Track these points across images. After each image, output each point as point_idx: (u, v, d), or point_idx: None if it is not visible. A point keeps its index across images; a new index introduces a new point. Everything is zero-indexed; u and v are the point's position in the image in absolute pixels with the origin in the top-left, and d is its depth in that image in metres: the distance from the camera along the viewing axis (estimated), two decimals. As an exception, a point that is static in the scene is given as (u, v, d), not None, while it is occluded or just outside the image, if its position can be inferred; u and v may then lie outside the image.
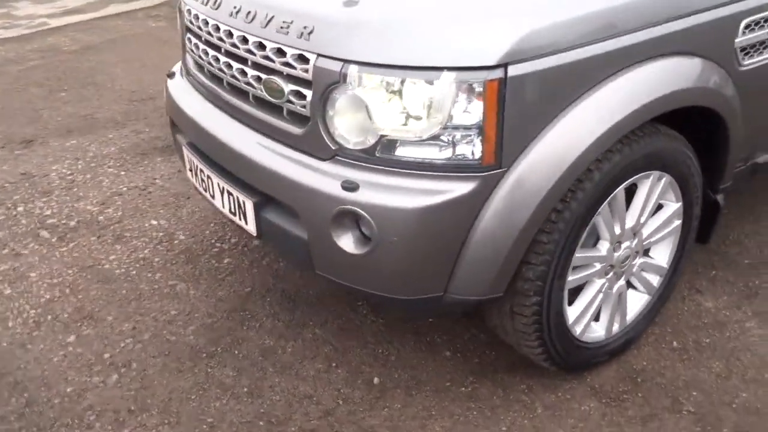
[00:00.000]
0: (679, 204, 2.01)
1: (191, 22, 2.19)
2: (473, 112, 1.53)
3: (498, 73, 1.50)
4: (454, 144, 1.57)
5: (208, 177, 2.11)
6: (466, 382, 2.06)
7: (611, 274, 1.95)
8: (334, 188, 1.67)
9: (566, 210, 1.67)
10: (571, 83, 1.60)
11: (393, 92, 1.57)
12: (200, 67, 2.24)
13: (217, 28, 1.99)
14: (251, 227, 1.96)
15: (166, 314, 2.41)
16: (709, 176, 2.07)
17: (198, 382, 2.10)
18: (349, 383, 2.07)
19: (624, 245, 1.93)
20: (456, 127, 1.55)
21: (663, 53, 1.72)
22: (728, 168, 2.08)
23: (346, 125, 1.67)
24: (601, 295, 1.95)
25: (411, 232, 1.61)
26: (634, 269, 2.03)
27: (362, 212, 1.62)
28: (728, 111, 1.91)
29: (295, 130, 1.78)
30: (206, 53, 2.10)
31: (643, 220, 1.93)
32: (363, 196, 1.62)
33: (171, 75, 2.51)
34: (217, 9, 2.00)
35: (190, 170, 2.26)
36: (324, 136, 1.70)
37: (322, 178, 1.70)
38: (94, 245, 2.83)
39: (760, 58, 1.97)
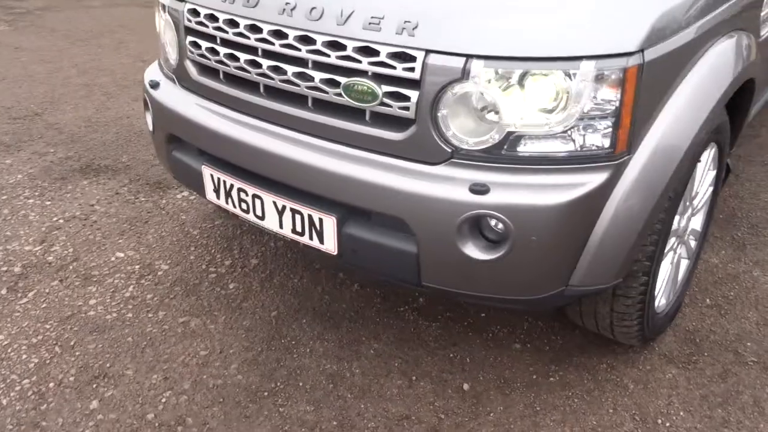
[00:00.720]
0: (715, 171, 2.15)
1: (201, 24, 1.92)
2: (610, 100, 1.50)
3: (637, 59, 1.48)
4: (585, 134, 1.53)
5: (254, 196, 1.87)
6: (550, 372, 2.05)
7: (678, 244, 2.04)
8: (458, 193, 1.55)
9: (671, 188, 1.71)
10: (682, 62, 1.63)
11: (526, 86, 1.49)
12: (212, 73, 1.97)
13: (255, 29, 1.76)
14: (329, 245, 1.78)
15: (195, 356, 2.12)
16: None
17: (276, 425, 1.87)
18: (439, 394, 1.96)
19: (686, 216, 2.03)
20: (591, 117, 1.51)
21: (732, 29, 1.81)
22: (740, 132, 2.27)
23: (465, 124, 1.56)
24: (671, 266, 2.04)
25: (552, 230, 1.55)
26: (686, 237, 2.14)
27: (499, 215, 1.53)
28: (759, 79, 2.07)
29: (389, 135, 1.63)
30: (232, 57, 1.85)
31: (699, 190, 2.04)
32: (496, 197, 1.53)
33: (154, 84, 2.19)
34: (255, 6, 1.77)
35: (215, 191, 1.99)
36: (435, 138, 1.58)
37: (440, 184, 1.57)
38: (61, 291, 2.41)
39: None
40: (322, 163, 1.72)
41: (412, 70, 1.54)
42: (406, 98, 1.57)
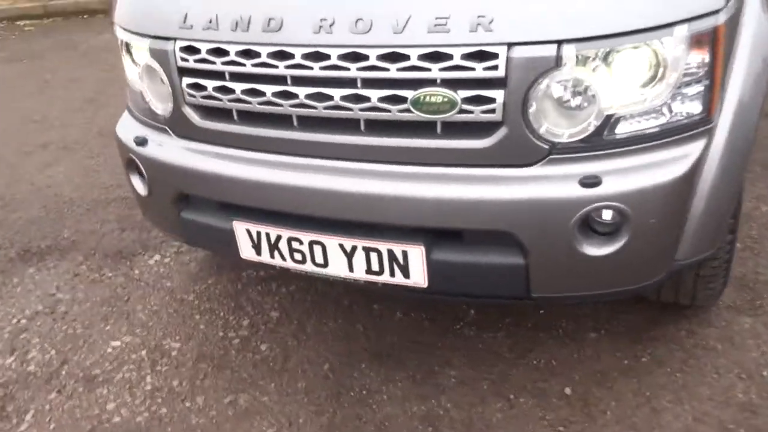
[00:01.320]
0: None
1: (204, 61, 1.66)
2: (704, 63, 1.43)
3: (724, 15, 1.42)
4: (683, 103, 1.46)
5: (312, 243, 1.65)
6: (638, 353, 1.98)
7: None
8: (570, 190, 1.43)
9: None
10: (739, 16, 1.60)
11: (622, 63, 1.39)
12: (223, 114, 1.72)
13: (284, 55, 1.54)
14: (417, 278, 1.59)
15: (264, 437, 1.86)
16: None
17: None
18: (545, 407, 1.83)
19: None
20: (688, 84, 1.43)
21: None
22: None
23: (559, 116, 1.43)
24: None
25: (671, 208, 1.46)
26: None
27: (618, 204, 1.42)
28: None
29: (471, 143, 1.47)
30: (254, 93, 1.62)
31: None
32: (611, 186, 1.42)
33: (142, 141, 1.89)
34: (279, 30, 1.54)
35: (255, 247, 1.74)
36: (530, 137, 1.44)
37: (545, 185, 1.44)
38: (66, 403, 2.04)
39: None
40: (397, 190, 1.53)
41: (495, 68, 1.39)
42: (491, 100, 1.42)
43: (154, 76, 1.80)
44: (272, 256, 1.73)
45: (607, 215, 1.46)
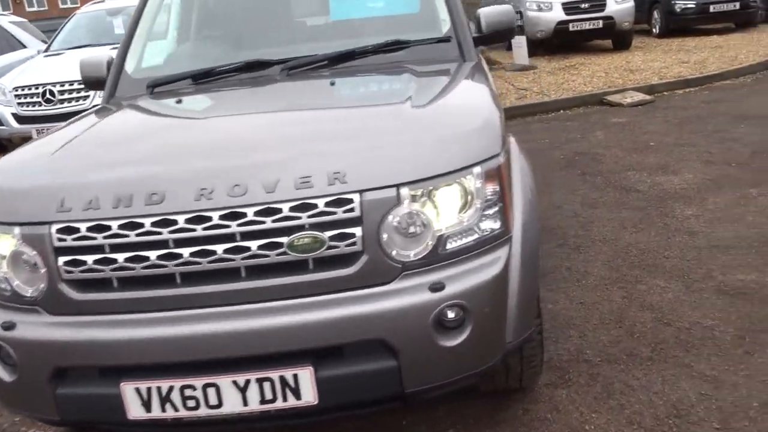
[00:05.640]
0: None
1: (83, 239, 1.83)
2: (496, 191, 1.95)
3: (503, 156, 1.99)
4: (489, 222, 1.94)
5: (206, 386, 1.81)
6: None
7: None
8: (423, 296, 1.81)
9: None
10: (510, 158, 2.21)
11: (443, 197, 1.86)
12: (103, 284, 1.86)
13: (168, 222, 1.79)
14: (308, 397, 1.81)
15: None
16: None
17: None
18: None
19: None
20: (489, 207, 1.94)
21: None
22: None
23: (405, 241, 1.84)
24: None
25: (494, 297, 1.90)
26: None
27: (460, 301, 1.83)
28: None
29: (341, 272, 1.81)
30: (138, 259, 1.82)
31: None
32: (453, 288, 1.83)
33: (10, 326, 1.92)
34: (162, 202, 1.80)
35: (145, 404, 1.83)
36: (386, 260, 1.82)
37: (404, 296, 1.81)
38: None
39: None
40: (282, 321, 1.79)
41: (351, 210, 1.79)
42: (352, 236, 1.79)
43: (23, 260, 1.89)
44: (164, 410, 1.83)
45: (453, 312, 1.86)
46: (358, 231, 1.79)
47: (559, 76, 9.33)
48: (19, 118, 7.37)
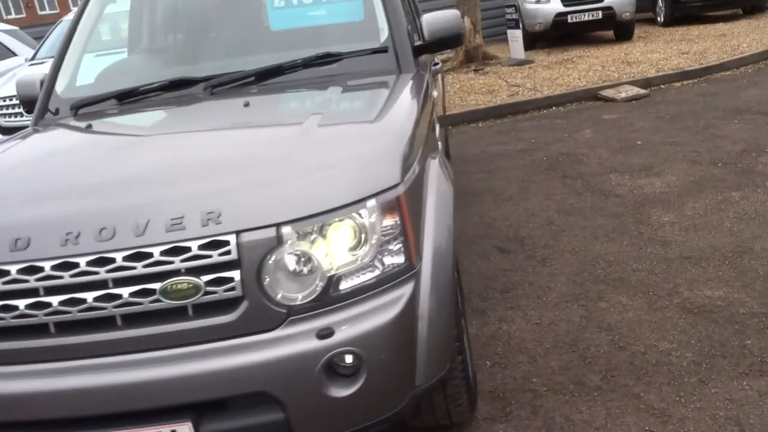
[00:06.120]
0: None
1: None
2: (396, 224, 1.80)
3: (403, 187, 1.83)
4: (388, 257, 1.80)
5: (80, 444, 1.69)
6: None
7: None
8: (309, 344, 1.67)
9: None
10: (422, 182, 2.05)
11: (331, 234, 1.72)
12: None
13: (34, 270, 1.67)
14: (190, 454, 1.69)
15: None
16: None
17: None
18: None
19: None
20: (388, 242, 1.79)
21: (430, 153, 2.32)
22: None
23: (290, 284, 1.70)
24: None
25: (393, 343, 1.75)
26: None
27: (351, 348, 1.68)
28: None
29: (220, 319, 1.68)
30: (4, 309, 1.69)
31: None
32: (343, 334, 1.69)
33: None
34: (26, 248, 1.68)
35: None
36: (269, 306, 1.68)
37: (289, 344, 1.67)
38: None
39: None
40: (159, 374, 1.66)
41: (228, 253, 1.65)
42: (230, 280, 1.66)
43: None
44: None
45: (345, 359, 1.71)
46: (236, 275, 1.65)
47: (554, 70, 9.08)
48: (3, 130, 7.33)
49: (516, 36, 10.00)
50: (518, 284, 3.41)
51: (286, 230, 1.67)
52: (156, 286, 1.65)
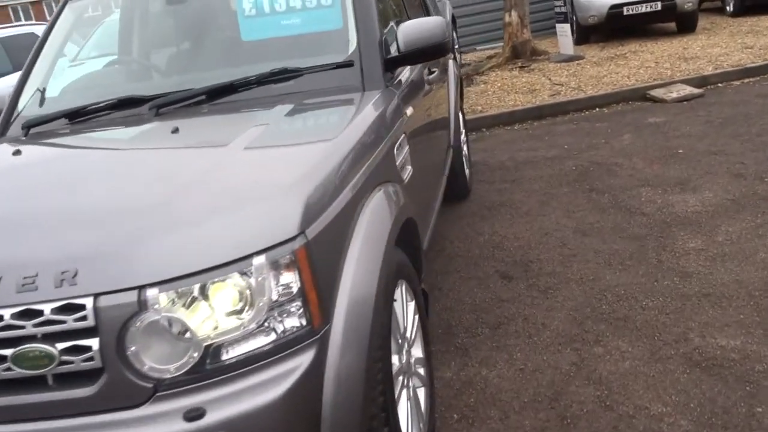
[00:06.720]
0: (414, 301, 2.33)
1: None
2: (292, 283, 1.55)
3: (302, 239, 1.57)
4: (281, 321, 1.55)
5: None
6: None
7: (407, 379, 2.13)
8: (174, 427, 1.43)
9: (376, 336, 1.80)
10: (346, 224, 1.77)
11: (209, 296, 1.48)
12: None
13: None
14: None
15: None
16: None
17: None
18: None
19: (403, 351, 2.14)
20: (281, 304, 1.54)
21: (378, 183, 2.04)
22: (423, 262, 2.53)
23: (160, 353, 1.47)
24: (409, 401, 2.11)
25: (280, 425, 1.50)
26: (412, 369, 2.25)
27: (225, 432, 1.44)
28: (417, 216, 2.35)
29: (79, 392, 1.47)
30: None
31: (406, 324, 2.19)
32: (215, 416, 1.44)
33: None
34: None
35: None
36: (132, 378, 1.46)
37: (150, 425, 1.44)
38: None
39: None
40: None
41: (84, 318, 1.43)
42: (87, 349, 1.44)
43: None
44: None
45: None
46: (95, 343, 1.44)
47: (603, 67, 8.51)
48: None
49: (564, 30, 9.45)
50: (512, 318, 3.09)
51: (151, 293, 1.44)
52: (8, 352, 1.45)
